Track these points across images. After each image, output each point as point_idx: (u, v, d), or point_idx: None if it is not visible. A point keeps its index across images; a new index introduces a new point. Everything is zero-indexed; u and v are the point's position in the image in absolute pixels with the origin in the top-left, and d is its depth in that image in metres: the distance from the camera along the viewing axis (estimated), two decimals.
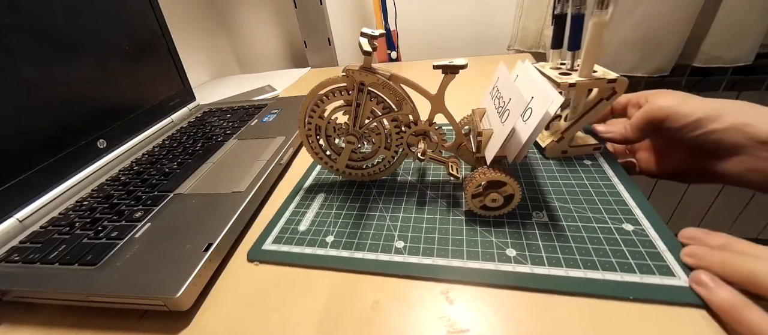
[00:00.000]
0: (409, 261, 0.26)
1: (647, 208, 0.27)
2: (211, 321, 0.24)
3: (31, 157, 0.36)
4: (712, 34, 0.63)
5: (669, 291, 0.21)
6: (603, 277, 0.22)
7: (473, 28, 0.80)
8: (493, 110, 0.30)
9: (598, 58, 0.31)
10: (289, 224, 0.31)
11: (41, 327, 0.25)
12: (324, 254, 0.27)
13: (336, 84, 0.29)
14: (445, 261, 0.25)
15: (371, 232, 0.29)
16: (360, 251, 0.27)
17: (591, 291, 0.22)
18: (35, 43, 0.37)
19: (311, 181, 0.36)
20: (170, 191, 0.35)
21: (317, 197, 0.34)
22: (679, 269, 0.22)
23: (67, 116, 0.40)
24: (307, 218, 0.31)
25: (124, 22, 0.48)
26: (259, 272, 0.27)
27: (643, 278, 0.22)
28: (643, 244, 0.24)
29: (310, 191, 0.35)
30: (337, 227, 0.30)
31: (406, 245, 0.27)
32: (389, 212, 0.31)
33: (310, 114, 0.31)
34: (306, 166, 0.40)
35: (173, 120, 0.54)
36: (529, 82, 0.28)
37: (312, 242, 0.28)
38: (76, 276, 0.26)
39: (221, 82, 0.84)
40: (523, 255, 0.25)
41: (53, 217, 0.34)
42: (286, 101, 0.57)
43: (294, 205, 0.33)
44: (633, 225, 0.26)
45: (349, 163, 0.34)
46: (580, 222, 0.27)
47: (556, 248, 0.25)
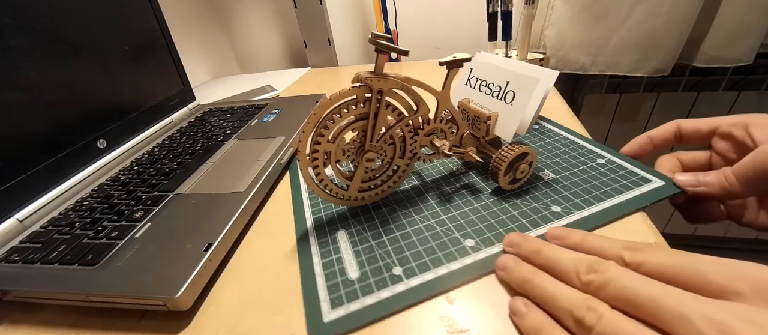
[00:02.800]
0: (479, 257, 0.25)
1: (604, 147, 0.35)
2: (211, 321, 0.24)
3: (31, 157, 0.36)
4: (712, 34, 0.63)
5: (652, 193, 0.28)
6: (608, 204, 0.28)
7: (473, 28, 0.80)
8: (481, 96, 0.32)
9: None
10: (332, 278, 0.25)
11: (41, 327, 0.25)
12: (405, 288, 0.23)
13: (346, 98, 0.25)
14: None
15: (433, 244, 0.26)
16: (435, 267, 0.24)
17: (605, 219, 0.26)
18: (35, 43, 0.37)
19: (310, 222, 0.31)
20: (170, 191, 0.35)
21: (337, 234, 0.29)
22: (652, 175, 0.30)
23: (67, 116, 0.40)
24: (350, 262, 0.26)
25: (124, 22, 0.48)
26: (259, 272, 0.27)
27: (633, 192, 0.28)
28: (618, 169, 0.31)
29: (322, 234, 0.29)
30: (395, 255, 0.26)
31: (477, 241, 0.26)
32: (427, 215, 0.29)
33: (317, 140, 0.26)
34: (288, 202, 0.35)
35: (173, 120, 0.54)
36: (508, 66, 0.31)
37: (381, 284, 0.24)
38: (76, 276, 0.26)
39: (221, 82, 0.84)
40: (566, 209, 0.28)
41: (53, 217, 0.34)
42: (286, 101, 0.57)
43: (318, 257, 0.27)
44: (604, 159, 0.33)
45: (360, 185, 0.30)
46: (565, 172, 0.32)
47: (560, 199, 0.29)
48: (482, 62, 0.33)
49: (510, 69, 0.30)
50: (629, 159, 0.32)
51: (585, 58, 0.68)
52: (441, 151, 0.29)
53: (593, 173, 0.31)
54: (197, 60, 0.85)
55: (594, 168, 0.32)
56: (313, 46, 0.81)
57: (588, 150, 0.35)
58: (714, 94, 0.76)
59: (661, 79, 0.67)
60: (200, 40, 0.86)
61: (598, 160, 0.33)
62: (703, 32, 0.64)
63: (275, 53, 0.96)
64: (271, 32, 0.93)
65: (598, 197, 0.29)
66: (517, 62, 0.31)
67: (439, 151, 0.29)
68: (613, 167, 0.32)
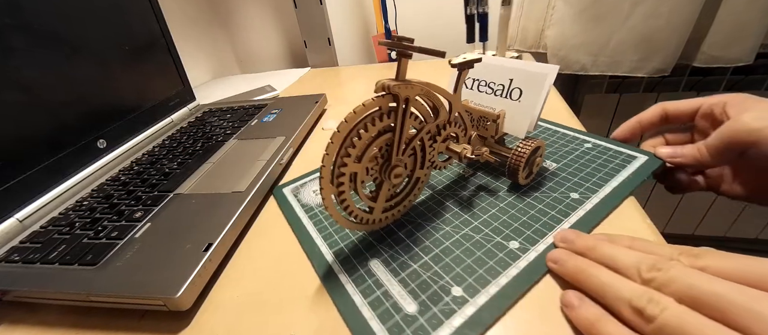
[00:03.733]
0: (531, 257, 0.24)
1: (584, 132, 0.37)
2: (211, 321, 0.24)
3: (31, 157, 0.36)
4: (712, 34, 0.63)
5: (642, 168, 0.30)
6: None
7: None
8: (481, 96, 0.32)
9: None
10: (389, 317, 0.21)
11: (41, 327, 0.25)
12: (474, 309, 0.21)
13: (370, 110, 0.22)
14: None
15: (479, 254, 0.25)
16: (494, 278, 0.23)
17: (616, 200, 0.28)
18: (35, 43, 0.37)
19: (331, 256, 0.26)
20: (170, 191, 0.35)
21: (369, 264, 0.25)
22: (636, 152, 0.32)
23: (67, 116, 0.40)
24: (400, 294, 0.22)
25: (124, 22, 0.48)
26: (259, 272, 0.27)
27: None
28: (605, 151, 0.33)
29: (351, 267, 0.25)
30: (447, 275, 0.23)
31: (520, 241, 0.26)
32: (458, 225, 0.28)
33: (343, 161, 0.22)
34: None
35: (173, 120, 0.54)
36: (509, 64, 0.31)
37: (447, 312, 0.21)
38: (76, 276, 0.26)
39: (221, 82, 0.84)
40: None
41: (53, 217, 0.34)
42: (286, 101, 0.57)
43: (359, 296, 0.23)
44: (590, 143, 0.35)
45: (384, 205, 0.26)
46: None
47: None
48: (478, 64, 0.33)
49: (512, 67, 0.30)
50: (612, 141, 0.35)
51: (585, 59, 0.68)
52: (463, 155, 0.27)
53: (587, 158, 0.33)
54: (197, 60, 0.85)
55: (586, 153, 0.34)
56: (313, 46, 0.81)
57: (572, 137, 0.37)
58: (714, 94, 0.76)
59: (661, 79, 0.67)
60: (200, 40, 0.86)
61: (585, 145, 0.35)
62: (703, 32, 0.64)
63: (275, 53, 0.96)
64: (271, 32, 0.93)
65: (602, 179, 0.30)
66: (514, 60, 0.31)
67: (460, 155, 0.28)
68: (601, 149, 0.34)
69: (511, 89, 0.30)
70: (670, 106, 0.32)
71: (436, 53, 0.21)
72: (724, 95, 0.29)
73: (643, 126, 0.34)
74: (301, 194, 0.34)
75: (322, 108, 0.55)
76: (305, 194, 0.34)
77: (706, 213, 0.91)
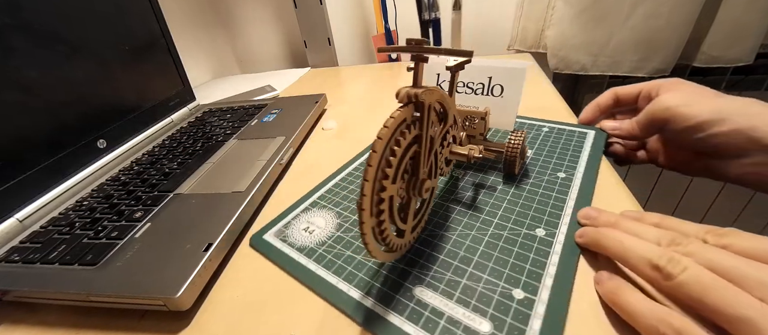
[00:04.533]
0: (561, 240, 0.25)
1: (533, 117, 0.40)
2: (211, 321, 0.24)
3: (31, 157, 0.36)
4: (712, 34, 0.63)
5: (596, 140, 0.36)
6: None
7: (473, 28, 0.80)
8: (462, 97, 0.34)
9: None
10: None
11: (41, 327, 0.25)
12: (544, 307, 0.21)
13: (399, 122, 0.20)
14: None
15: (516, 250, 0.25)
16: (545, 269, 0.23)
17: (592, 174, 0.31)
18: (35, 43, 0.37)
19: (358, 294, 0.23)
20: (170, 191, 0.35)
21: (413, 292, 0.23)
22: (585, 129, 0.38)
23: (67, 116, 0.40)
24: (467, 315, 0.21)
25: (124, 22, 0.48)
26: (259, 272, 0.27)
27: None
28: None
29: (393, 303, 0.22)
30: (501, 280, 0.23)
31: (544, 228, 0.27)
32: (481, 226, 0.27)
33: (382, 185, 0.19)
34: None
35: (173, 120, 0.54)
36: (485, 63, 0.32)
37: (521, 318, 0.20)
38: (76, 276, 0.26)
39: (221, 82, 0.84)
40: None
41: (53, 217, 0.34)
42: (286, 101, 0.57)
43: (422, 331, 0.20)
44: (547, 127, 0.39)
45: (412, 224, 0.24)
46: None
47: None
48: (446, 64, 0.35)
49: (490, 65, 0.32)
50: (562, 123, 0.39)
51: (585, 59, 0.68)
52: (471, 156, 0.26)
53: (552, 140, 0.36)
54: (197, 60, 0.85)
55: (548, 136, 0.36)
56: (313, 46, 0.81)
57: (529, 125, 0.40)
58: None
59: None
60: (200, 40, 0.86)
61: (544, 130, 0.38)
62: (703, 32, 0.64)
63: (275, 53, 0.96)
64: (271, 32, 0.93)
65: (574, 155, 0.34)
66: (488, 59, 0.33)
67: (468, 157, 0.27)
68: (557, 131, 0.38)
69: (492, 85, 0.32)
70: (620, 90, 0.36)
71: (464, 53, 0.21)
72: (661, 80, 0.33)
73: (601, 109, 0.38)
74: (289, 236, 0.29)
75: (322, 108, 0.55)
76: (295, 235, 0.29)
77: (706, 213, 0.91)
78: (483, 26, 0.80)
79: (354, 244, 0.27)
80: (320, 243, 0.28)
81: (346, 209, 0.31)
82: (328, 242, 0.28)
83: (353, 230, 0.29)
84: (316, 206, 0.32)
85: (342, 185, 0.35)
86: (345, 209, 0.31)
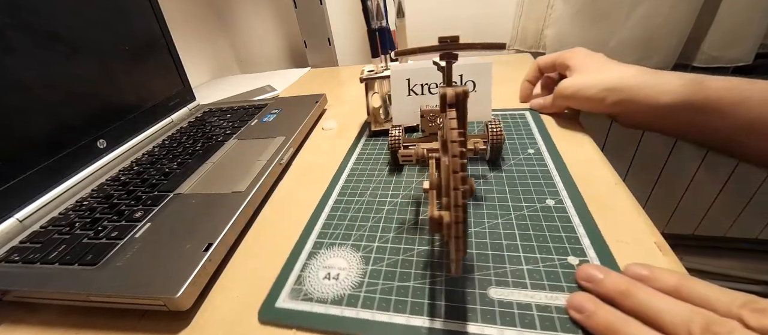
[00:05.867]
0: (568, 203, 0.28)
1: None
2: (211, 321, 0.24)
3: (31, 157, 0.36)
4: (712, 34, 0.63)
5: (533, 117, 0.42)
6: None
7: (473, 28, 0.80)
8: (435, 98, 0.35)
9: None
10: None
11: (41, 327, 0.25)
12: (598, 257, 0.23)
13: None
14: None
15: (543, 224, 0.27)
16: (574, 233, 0.26)
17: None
18: (35, 43, 0.37)
19: (437, 325, 0.21)
20: (170, 191, 0.35)
21: (489, 295, 0.22)
22: (521, 110, 0.43)
23: (67, 116, 0.40)
24: (548, 297, 0.21)
25: (124, 22, 0.48)
26: (259, 271, 0.27)
27: None
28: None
29: (474, 316, 0.21)
30: (554, 254, 0.24)
31: (555, 199, 0.29)
32: (506, 213, 0.28)
33: (464, 204, 0.17)
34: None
35: (173, 120, 0.54)
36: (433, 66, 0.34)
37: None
38: (76, 276, 0.26)
39: (221, 82, 0.84)
40: None
41: (53, 217, 0.34)
42: (286, 101, 0.57)
43: (530, 330, 0.20)
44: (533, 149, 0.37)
45: None
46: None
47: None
48: (415, 69, 0.36)
49: (458, 64, 0.32)
50: (504, 108, 0.44)
51: None
52: (477, 149, 0.30)
53: (505, 124, 0.40)
54: (197, 60, 0.85)
55: (496, 125, 0.35)
56: (313, 46, 0.81)
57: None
58: None
59: None
60: (200, 40, 0.86)
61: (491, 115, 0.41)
62: (703, 32, 0.64)
63: (275, 53, 0.96)
64: (271, 32, 0.93)
65: (530, 134, 0.38)
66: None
67: (475, 151, 0.30)
68: (502, 115, 0.42)
69: (465, 82, 0.34)
70: (540, 60, 0.43)
71: (497, 46, 0.20)
72: (566, 52, 0.40)
73: (531, 81, 0.45)
74: (310, 292, 0.24)
75: (322, 108, 0.55)
76: (318, 288, 0.24)
77: (706, 213, 0.91)
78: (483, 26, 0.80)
79: (396, 272, 0.25)
80: (356, 285, 0.24)
81: (361, 238, 0.28)
82: (365, 280, 0.24)
83: (386, 258, 0.26)
84: (323, 248, 0.28)
85: (336, 216, 0.31)
86: (359, 239, 0.28)
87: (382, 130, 0.43)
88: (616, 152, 0.86)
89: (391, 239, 0.28)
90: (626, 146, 0.86)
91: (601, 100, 0.35)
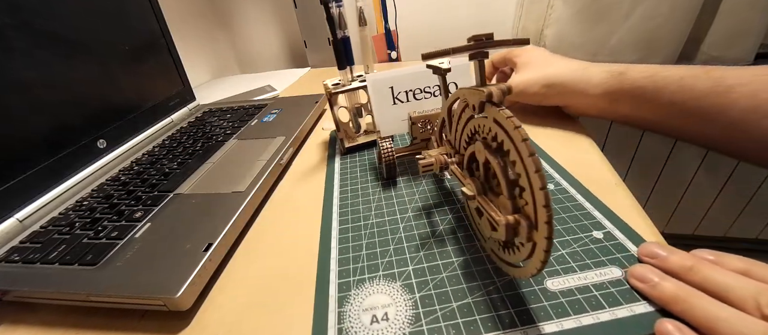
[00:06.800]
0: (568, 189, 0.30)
1: None
2: (211, 321, 0.24)
3: (31, 157, 0.36)
4: (712, 34, 0.63)
5: None
6: None
7: (473, 28, 0.80)
8: (421, 103, 0.35)
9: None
10: (623, 297, 0.20)
11: (41, 327, 0.25)
12: (602, 236, 0.25)
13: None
14: None
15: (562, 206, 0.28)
16: (593, 202, 0.28)
17: None
18: (35, 43, 0.37)
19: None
20: (170, 191, 0.35)
21: (545, 283, 0.22)
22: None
23: (67, 116, 0.40)
24: (598, 274, 0.22)
25: (124, 22, 0.48)
26: (259, 271, 0.27)
27: None
28: None
29: (534, 298, 0.21)
30: (581, 232, 0.26)
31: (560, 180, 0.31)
32: None
33: None
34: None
35: (173, 120, 0.54)
36: (417, 71, 0.34)
37: (617, 248, 0.23)
38: (76, 276, 0.26)
39: (221, 82, 0.84)
40: None
41: (53, 217, 0.34)
42: (286, 101, 0.57)
43: (593, 311, 0.20)
44: None
45: None
46: None
47: None
48: (398, 77, 0.35)
49: (425, 70, 0.33)
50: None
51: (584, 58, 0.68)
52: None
53: None
54: (197, 60, 0.85)
55: None
56: (313, 46, 0.81)
57: None
58: None
59: None
60: (200, 40, 0.86)
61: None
62: (703, 32, 0.64)
63: (275, 53, 0.96)
64: (271, 32, 0.93)
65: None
66: (415, 67, 0.34)
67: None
68: None
69: (448, 83, 0.33)
70: (494, 57, 0.46)
71: (520, 42, 0.20)
72: (514, 50, 0.42)
73: (487, 77, 0.45)
74: (354, 324, 0.21)
75: (322, 108, 0.55)
76: (358, 318, 0.22)
77: (706, 213, 0.91)
78: (483, 27, 0.80)
79: (448, 291, 0.23)
80: (412, 319, 0.21)
81: (391, 265, 0.25)
82: (420, 311, 0.21)
83: (429, 280, 0.23)
84: (353, 288, 0.24)
85: (348, 248, 0.27)
86: (389, 266, 0.25)
87: (355, 145, 0.41)
88: (616, 152, 0.86)
89: (424, 257, 0.25)
90: (626, 146, 0.86)
91: (543, 95, 0.39)
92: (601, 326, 0.19)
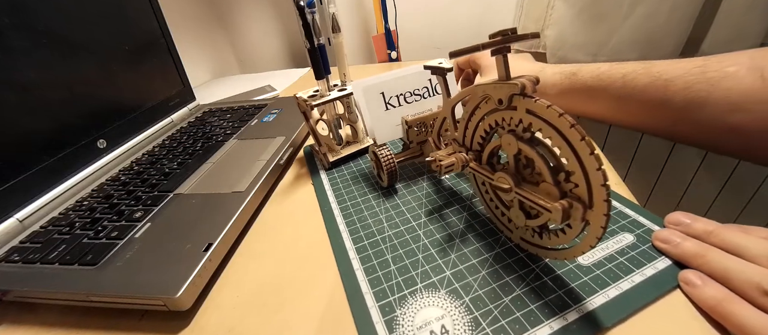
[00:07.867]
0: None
1: None
2: (211, 321, 0.24)
3: (31, 157, 0.36)
4: (712, 35, 0.63)
5: None
6: None
7: (473, 28, 0.80)
8: (413, 107, 0.35)
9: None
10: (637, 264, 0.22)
11: (41, 327, 0.25)
12: (635, 213, 0.26)
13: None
14: None
15: None
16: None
17: None
18: (35, 43, 0.37)
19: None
20: (170, 191, 0.35)
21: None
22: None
23: (67, 116, 0.40)
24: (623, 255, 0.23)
25: (124, 22, 0.48)
26: (259, 271, 0.27)
27: None
28: None
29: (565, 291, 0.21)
30: None
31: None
32: None
33: None
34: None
35: (173, 120, 0.54)
36: (414, 70, 0.34)
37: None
38: (76, 276, 0.26)
39: (221, 82, 0.84)
40: None
41: (53, 217, 0.34)
42: (286, 101, 0.57)
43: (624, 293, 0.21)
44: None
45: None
46: None
47: None
48: (387, 81, 0.35)
49: (421, 71, 0.34)
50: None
51: (585, 58, 0.68)
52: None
53: None
54: (197, 60, 0.85)
55: None
56: None
57: None
58: None
59: None
60: (200, 40, 0.86)
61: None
62: (703, 32, 0.64)
63: (275, 53, 0.96)
64: (271, 32, 0.93)
65: None
66: (412, 67, 0.34)
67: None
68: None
69: (435, 84, 0.34)
70: (459, 59, 0.47)
71: (532, 36, 0.20)
72: (476, 55, 0.43)
73: (456, 78, 0.48)
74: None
75: None
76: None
77: (706, 213, 0.91)
78: (483, 27, 0.80)
79: (495, 288, 0.22)
80: (473, 325, 0.20)
81: (427, 275, 0.24)
82: (476, 315, 0.21)
83: (474, 282, 0.23)
84: (396, 307, 0.22)
85: (373, 266, 0.25)
86: (426, 276, 0.24)
87: (340, 158, 0.39)
88: (616, 152, 0.86)
89: (457, 260, 0.24)
90: (626, 146, 0.86)
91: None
92: (637, 288, 0.21)
